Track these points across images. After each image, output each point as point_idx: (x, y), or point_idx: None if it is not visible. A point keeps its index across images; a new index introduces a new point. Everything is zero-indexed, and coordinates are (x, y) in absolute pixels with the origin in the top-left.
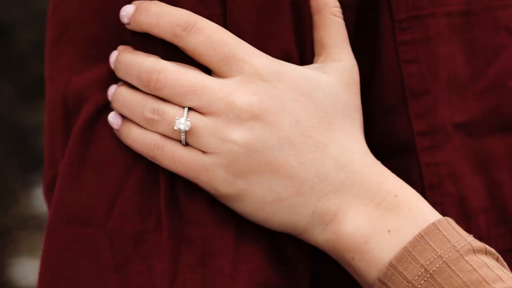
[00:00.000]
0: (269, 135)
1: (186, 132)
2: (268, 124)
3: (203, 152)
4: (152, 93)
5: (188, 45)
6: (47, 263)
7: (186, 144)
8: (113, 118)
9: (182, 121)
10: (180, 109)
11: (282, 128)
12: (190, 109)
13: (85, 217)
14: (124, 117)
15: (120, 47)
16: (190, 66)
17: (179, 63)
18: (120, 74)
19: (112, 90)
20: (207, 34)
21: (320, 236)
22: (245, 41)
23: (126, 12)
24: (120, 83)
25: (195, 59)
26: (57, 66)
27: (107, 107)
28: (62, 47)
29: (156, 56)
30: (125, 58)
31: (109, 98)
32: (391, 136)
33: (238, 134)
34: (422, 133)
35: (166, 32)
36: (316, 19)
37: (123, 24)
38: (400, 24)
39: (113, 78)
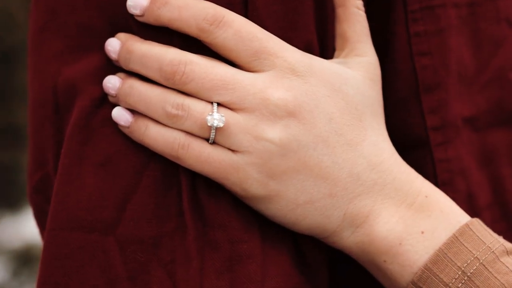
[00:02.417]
0: (304, 133)
1: (216, 129)
2: (303, 122)
3: (233, 151)
4: (176, 87)
5: (216, 40)
6: (49, 273)
7: (213, 143)
8: (120, 114)
9: (217, 117)
10: (208, 105)
11: (316, 126)
12: (218, 104)
13: (88, 221)
14: (135, 113)
15: (122, 36)
16: (216, 59)
17: (204, 56)
18: (132, 65)
19: (113, 81)
20: (236, 28)
21: (349, 239)
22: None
23: (137, 2)
24: (122, 74)
25: (222, 54)
26: (44, 56)
27: (104, 101)
28: (49, 35)
29: (175, 48)
30: (139, 48)
31: (110, 91)
32: (402, 132)
33: (274, 132)
34: (435, 128)
35: (191, 26)
36: (340, 12)
37: (121, 11)
38: (413, 14)
39: (109, 69)
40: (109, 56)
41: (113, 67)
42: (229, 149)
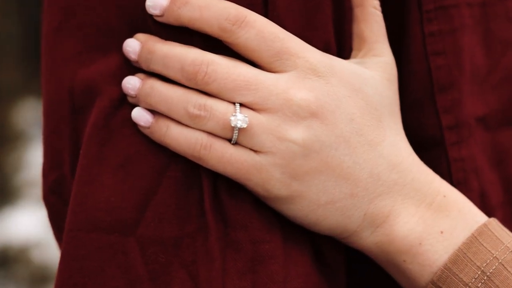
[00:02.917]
0: (326, 134)
1: (239, 130)
2: (325, 122)
3: (255, 151)
4: (198, 88)
5: (238, 40)
6: (68, 275)
7: (235, 143)
8: (139, 115)
9: (240, 118)
10: (231, 105)
11: (338, 126)
12: (240, 105)
13: (107, 222)
14: (155, 114)
15: (141, 36)
16: (237, 60)
17: (225, 56)
18: (153, 66)
19: (132, 82)
20: (258, 28)
21: (368, 239)
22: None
23: (156, 2)
24: (141, 74)
25: (243, 55)
26: (59, 57)
27: (123, 101)
28: (64, 35)
29: (196, 48)
30: (161, 49)
31: (129, 91)
32: (417, 132)
33: (297, 133)
34: (449, 128)
35: (212, 26)
36: (358, 12)
37: (139, 11)
38: (428, 14)
39: (127, 70)
40: (128, 57)
41: (132, 68)
42: (251, 149)
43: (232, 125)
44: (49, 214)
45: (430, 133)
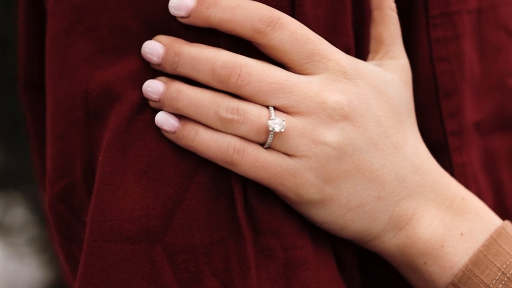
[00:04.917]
0: (358, 137)
1: (274, 134)
2: (356, 125)
3: (288, 155)
4: (229, 90)
5: (271, 42)
6: (92, 287)
7: (268, 148)
8: (164, 120)
9: (278, 122)
10: (264, 109)
11: (367, 129)
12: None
13: (133, 232)
14: (181, 118)
15: (163, 38)
16: (268, 62)
17: (256, 59)
18: (180, 69)
19: (153, 85)
20: (291, 30)
21: (390, 241)
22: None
23: (181, 3)
24: (163, 78)
25: (274, 56)
26: (70, 59)
27: (144, 106)
28: (76, 37)
29: (225, 50)
30: (188, 51)
31: (151, 96)
32: (423, 136)
33: (332, 136)
34: (453, 133)
35: (245, 28)
36: (376, 14)
37: (159, 11)
38: (434, 20)
39: (146, 73)
40: (148, 60)
41: (150, 71)
42: (284, 153)
43: (270, 129)
44: (54, 223)
45: (435, 137)
